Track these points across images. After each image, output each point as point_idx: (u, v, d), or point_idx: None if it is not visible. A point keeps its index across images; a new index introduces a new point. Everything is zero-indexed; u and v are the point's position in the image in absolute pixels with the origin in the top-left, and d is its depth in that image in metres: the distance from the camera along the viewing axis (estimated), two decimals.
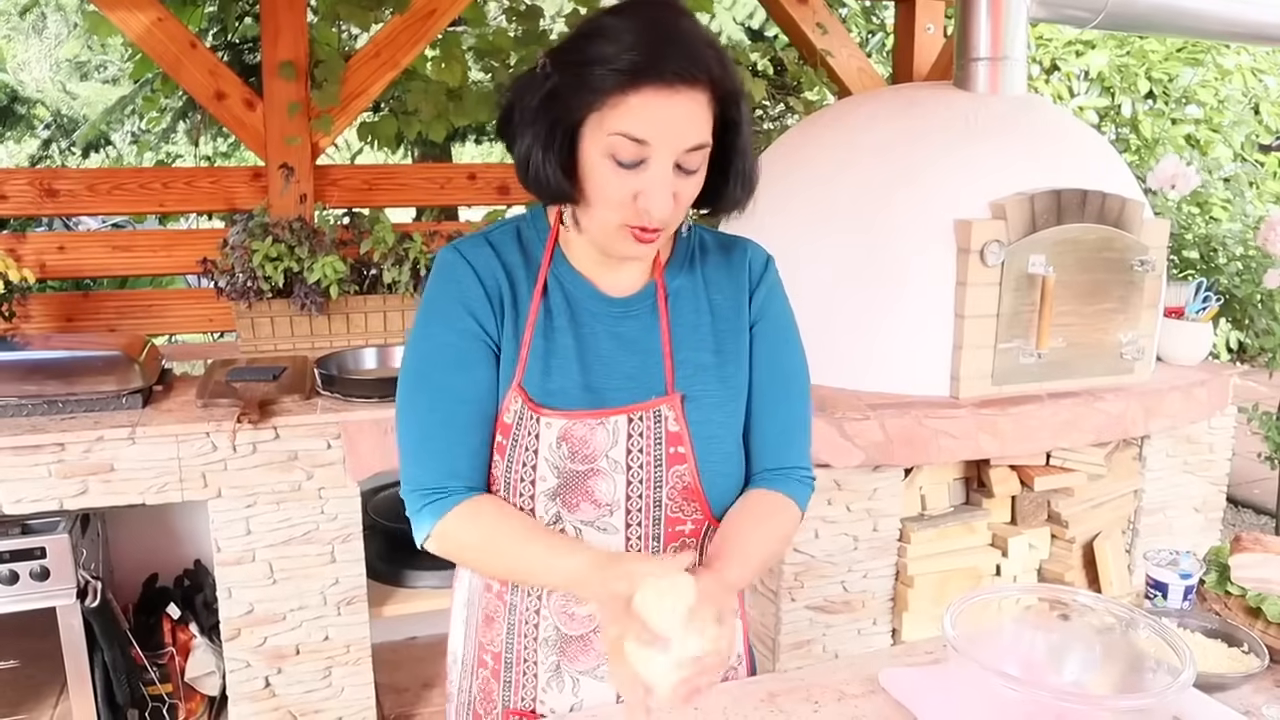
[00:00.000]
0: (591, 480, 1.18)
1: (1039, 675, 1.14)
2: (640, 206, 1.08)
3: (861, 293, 2.56)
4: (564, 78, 1.07)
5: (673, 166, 1.08)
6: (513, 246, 1.23)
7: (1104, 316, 2.63)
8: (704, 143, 1.09)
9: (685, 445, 1.19)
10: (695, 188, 1.12)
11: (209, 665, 2.58)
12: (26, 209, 3.09)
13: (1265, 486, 4.61)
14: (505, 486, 1.20)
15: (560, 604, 1.24)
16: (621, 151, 1.06)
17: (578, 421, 1.17)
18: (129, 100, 5.83)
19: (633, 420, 1.18)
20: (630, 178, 1.07)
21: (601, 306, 1.22)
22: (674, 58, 1.04)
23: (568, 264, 1.23)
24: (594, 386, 1.19)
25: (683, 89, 1.05)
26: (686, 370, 1.21)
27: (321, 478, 2.35)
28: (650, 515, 1.20)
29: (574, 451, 1.17)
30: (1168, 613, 1.39)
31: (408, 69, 3.32)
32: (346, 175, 3.31)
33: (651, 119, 1.05)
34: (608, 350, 1.21)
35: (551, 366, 1.19)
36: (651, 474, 1.19)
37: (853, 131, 2.76)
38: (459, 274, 1.19)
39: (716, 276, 1.28)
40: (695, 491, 1.20)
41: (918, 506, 2.63)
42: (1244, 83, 5.38)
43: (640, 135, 1.05)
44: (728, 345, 1.25)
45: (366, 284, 2.98)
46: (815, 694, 1.20)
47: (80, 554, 2.29)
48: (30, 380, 2.27)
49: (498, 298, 1.19)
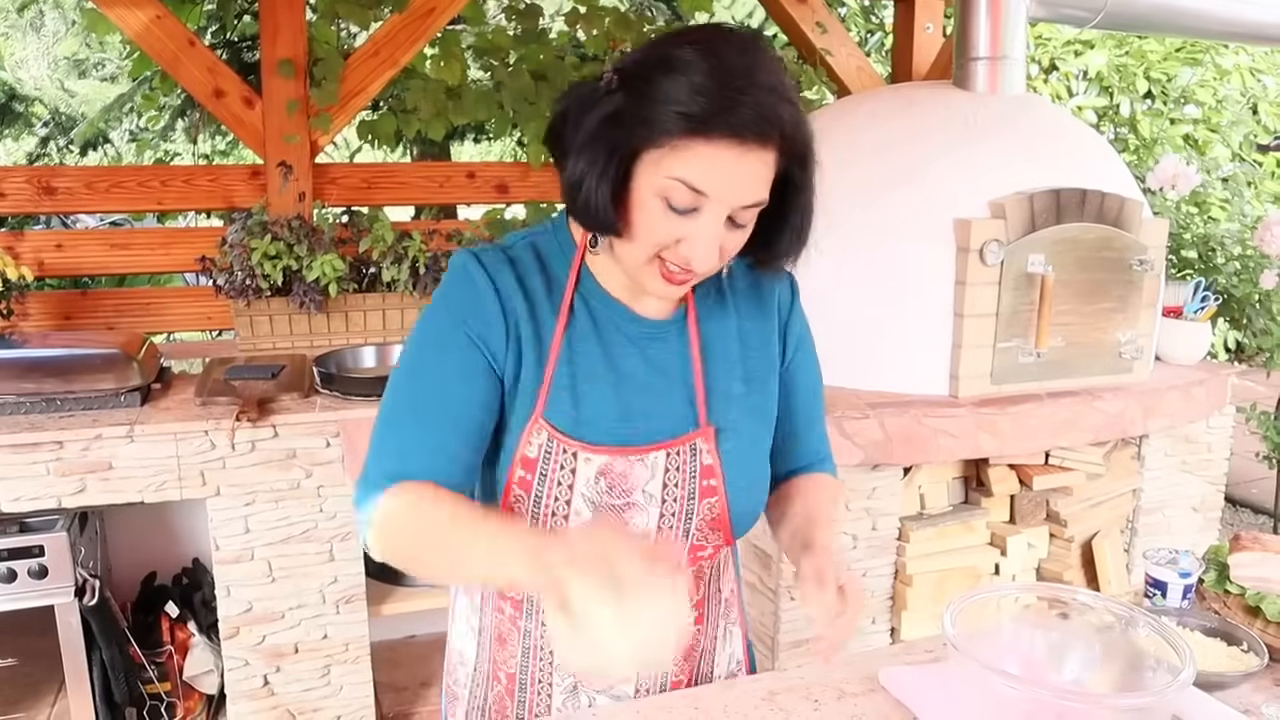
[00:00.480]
0: (626, 514, 1.15)
1: (1039, 674, 1.14)
2: (683, 253, 1.04)
3: (861, 292, 2.56)
4: (629, 104, 1.01)
5: (725, 220, 1.03)
6: (534, 266, 1.16)
7: (1103, 316, 2.63)
8: (762, 201, 1.05)
9: (717, 478, 1.17)
10: (740, 241, 1.08)
11: (207, 664, 2.58)
12: (25, 207, 3.08)
13: (1263, 486, 4.61)
14: (533, 521, 1.15)
15: None
16: (676, 197, 1.01)
17: (618, 458, 1.13)
18: (127, 98, 5.82)
19: (670, 455, 1.15)
20: (680, 223, 1.03)
21: (632, 327, 1.17)
22: (749, 113, 0.98)
23: (595, 282, 1.17)
24: (629, 413, 1.15)
25: (753, 146, 1.00)
26: (718, 399, 1.19)
27: (320, 476, 2.35)
28: (678, 544, 1.19)
29: (612, 486, 1.14)
30: (1167, 611, 1.39)
31: (407, 67, 3.31)
32: (345, 174, 3.31)
33: (715, 172, 1.00)
34: (639, 373, 1.16)
35: (581, 394, 1.14)
36: (684, 506, 1.17)
37: (852, 131, 2.76)
38: (475, 280, 1.13)
39: (746, 304, 1.24)
40: (723, 521, 1.19)
41: (917, 505, 2.63)
42: (1242, 83, 5.39)
43: (700, 186, 1.00)
44: (756, 374, 1.23)
45: (365, 282, 2.98)
46: (815, 692, 1.20)
47: (79, 552, 2.29)
48: (29, 378, 2.27)
49: (513, 315, 1.12)
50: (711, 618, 1.28)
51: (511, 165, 3.68)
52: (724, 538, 1.21)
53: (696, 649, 1.27)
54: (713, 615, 1.28)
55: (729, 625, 1.33)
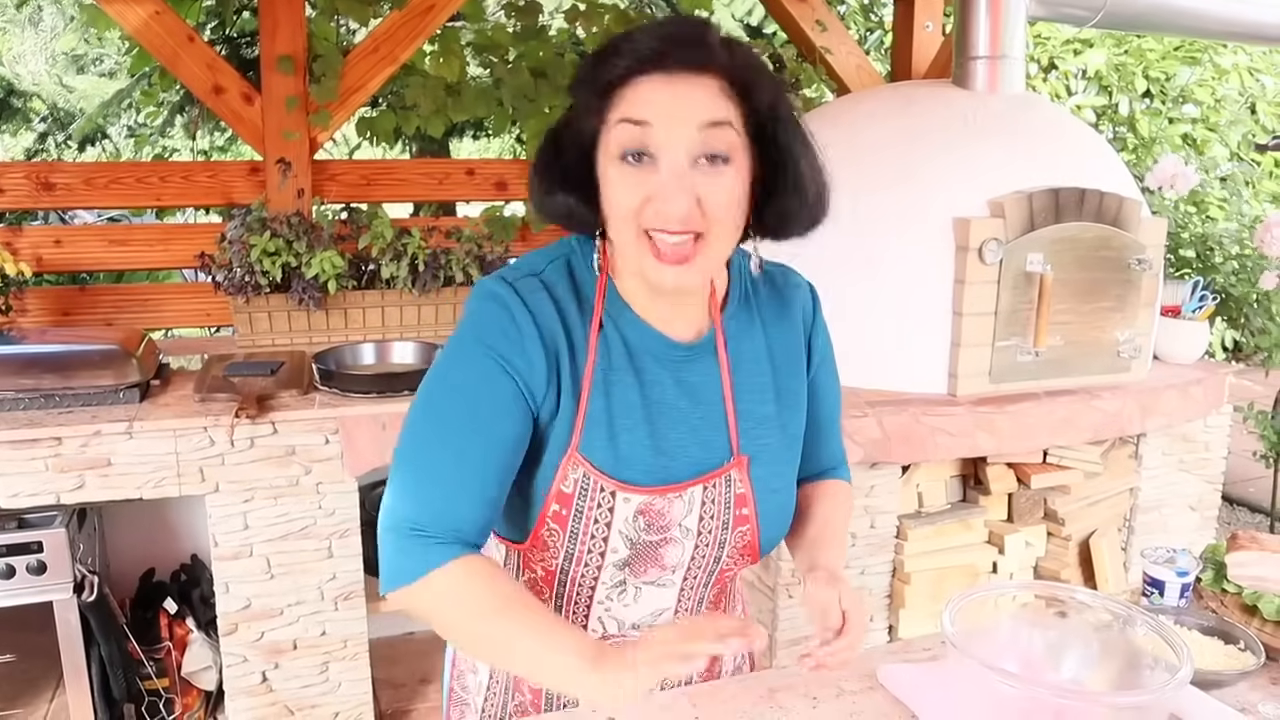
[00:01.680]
0: (663, 549, 1.14)
1: (1037, 672, 1.14)
2: (656, 210, 0.99)
3: (860, 290, 2.56)
4: (577, 98, 1.04)
5: (689, 162, 0.98)
6: (566, 287, 1.11)
7: (1101, 315, 2.63)
8: (719, 119, 0.99)
9: (750, 506, 1.15)
10: (725, 194, 1.00)
11: (206, 660, 2.58)
12: (23, 202, 3.08)
13: (1260, 485, 4.62)
14: (567, 557, 1.12)
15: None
16: (625, 140, 0.99)
17: (658, 496, 1.11)
18: (126, 94, 5.82)
19: (707, 489, 1.13)
20: (641, 177, 0.99)
21: (665, 351, 1.12)
22: (676, 48, 0.99)
23: (623, 304, 1.12)
24: (664, 448, 1.12)
25: (686, 74, 0.99)
26: (748, 423, 1.16)
27: (319, 473, 2.35)
28: (707, 570, 1.18)
29: (650, 524, 1.12)
30: (1164, 610, 1.39)
31: (406, 64, 3.31)
32: (345, 170, 3.31)
33: (650, 99, 0.99)
34: (673, 401, 1.13)
35: (618, 429, 1.10)
36: (718, 537, 1.15)
37: (852, 129, 2.76)
38: (515, 315, 1.06)
39: (772, 318, 1.21)
40: (753, 548, 1.18)
41: (915, 504, 2.63)
42: (1240, 82, 5.39)
43: (640, 116, 0.98)
44: (786, 392, 1.21)
45: (364, 279, 2.98)
46: (814, 690, 1.20)
47: (77, 548, 2.29)
48: (27, 374, 2.26)
49: (554, 354, 1.07)
50: None
51: (511, 162, 3.68)
52: (752, 559, 1.21)
53: (717, 657, 1.28)
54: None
55: None
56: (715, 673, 1.30)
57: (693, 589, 1.19)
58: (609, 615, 1.18)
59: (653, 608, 1.18)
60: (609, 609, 1.17)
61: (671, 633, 0.98)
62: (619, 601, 1.17)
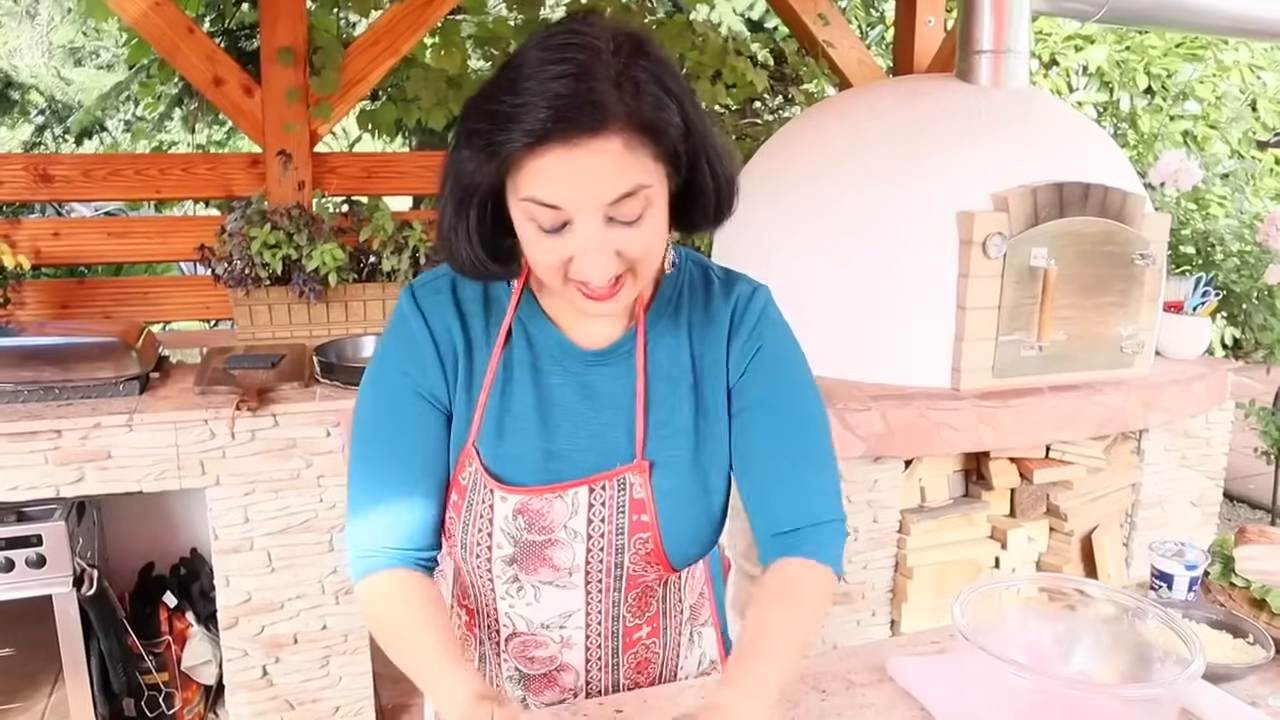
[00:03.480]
0: (549, 550, 1.12)
1: (1046, 665, 1.14)
2: (579, 270, 0.98)
3: (863, 284, 2.55)
4: (470, 143, 0.97)
5: (603, 221, 0.95)
6: (476, 288, 1.13)
7: (1104, 310, 2.63)
8: (630, 190, 0.94)
9: (649, 514, 1.11)
10: (647, 237, 0.98)
11: (206, 654, 2.57)
12: (21, 194, 3.07)
13: (1260, 482, 4.62)
14: (462, 546, 1.14)
15: (519, 649, 1.21)
16: (539, 217, 0.95)
17: (534, 496, 1.10)
18: (124, 86, 5.80)
19: (594, 490, 1.10)
20: (559, 242, 0.96)
21: (569, 356, 1.12)
22: (570, 110, 0.90)
23: (538, 308, 1.13)
24: (555, 451, 1.11)
25: (585, 141, 0.91)
26: (661, 432, 1.12)
27: (320, 466, 2.34)
28: (611, 575, 1.14)
29: (531, 523, 1.11)
30: (1172, 604, 1.38)
31: (407, 56, 3.30)
32: (345, 163, 3.30)
33: (557, 180, 0.93)
34: (571, 405, 1.12)
35: (506, 429, 1.12)
36: (613, 541, 1.12)
37: (855, 123, 2.76)
38: (411, 326, 1.12)
39: (699, 320, 1.15)
40: (658, 555, 1.13)
41: (917, 498, 2.63)
42: (1242, 79, 5.38)
43: (549, 200, 0.94)
44: (709, 401, 1.14)
45: (365, 272, 2.97)
46: (823, 683, 1.19)
47: (76, 542, 2.28)
48: (26, 366, 2.25)
49: (450, 353, 1.12)
50: (669, 630, 1.24)
51: None
52: (663, 569, 1.15)
53: (653, 662, 1.24)
54: (670, 627, 1.24)
55: (696, 629, 1.29)
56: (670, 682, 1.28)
57: (602, 593, 1.15)
58: (515, 613, 1.18)
59: (560, 609, 1.16)
60: (513, 605, 1.17)
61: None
62: (520, 599, 1.16)
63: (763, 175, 2.88)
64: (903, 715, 1.14)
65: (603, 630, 1.18)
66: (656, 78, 0.95)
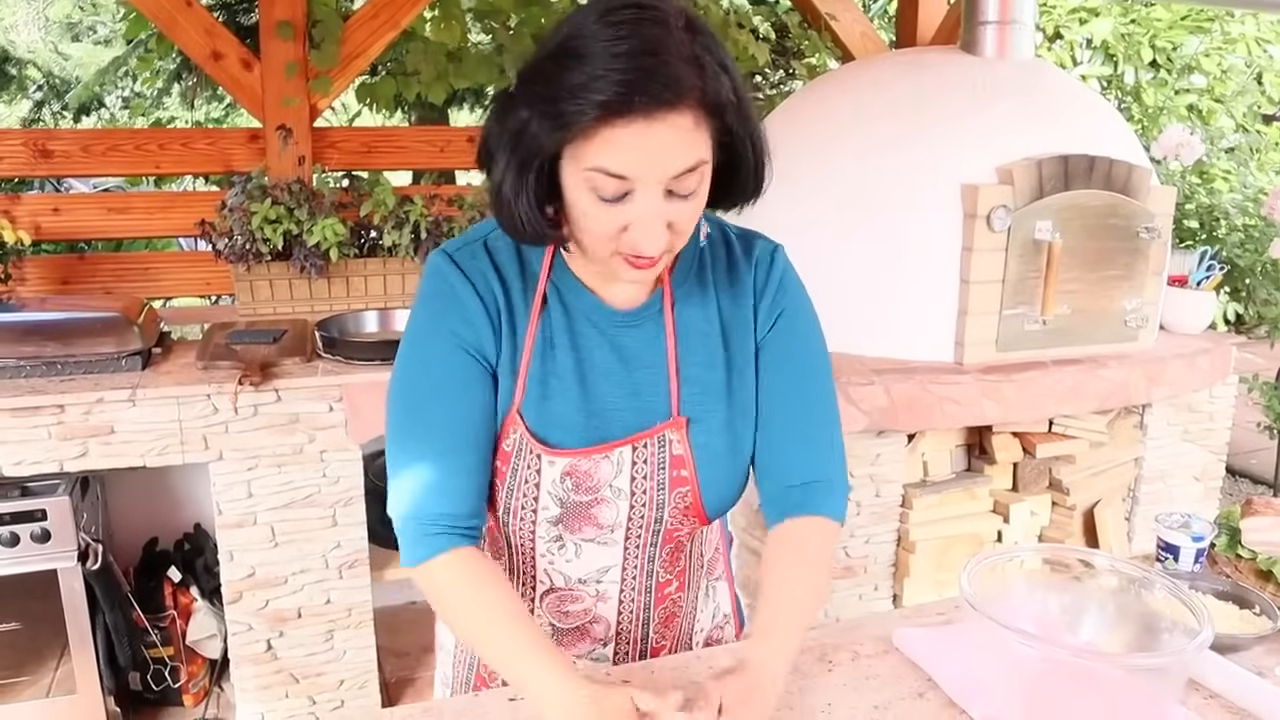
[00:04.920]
0: (595, 508, 1.14)
1: (1052, 635, 1.14)
2: (630, 240, 1.00)
3: (867, 257, 2.54)
4: (534, 109, 0.97)
5: (663, 194, 0.98)
6: (510, 253, 1.14)
7: (1109, 284, 2.62)
8: (694, 165, 0.98)
9: (689, 468, 1.14)
10: (695, 210, 1.02)
11: (210, 628, 2.58)
12: (21, 170, 3.05)
13: (1262, 457, 4.63)
14: (506, 510, 1.15)
15: (554, 604, 1.22)
16: (602, 187, 0.97)
17: (582, 459, 1.12)
18: (122, 61, 5.76)
19: (637, 449, 1.13)
20: (616, 211, 0.98)
21: (603, 318, 1.14)
22: (651, 85, 0.92)
23: (569, 272, 1.14)
24: (596, 410, 1.13)
25: (663, 115, 0.93)
26: (693, 389, 1.15)
27: (323, 440, 2.34)
28: (650, 530, 1.17)
29: (578, 485, 1.13)
30: (1179, 575, 1.38)
31: (406, 30, 3.27)
32: (345, 137, 3.27)
33: (629, 152, 0.95)
34: (608, 366, 1.14)
35: (551, 390, 1.12)
36: (654, 497, 1.14)
37: (859, 95, 2.73)
38: (454, 287, 1.11)
39: (724, 280, 1.18)
40: (696, 509, 1.16)
41: (920, 472, 2.63)
42: (1248, 52, 5.34)
43: (619, 170, 0.95)
44: (738, 359, 1.17)
45: (366, 247, 2.95)
46: (829, 654, 1.20)
47: (81, 517, 2.28)
48: (29, 341, 2.25)
49: (495, 313, 1.11)
50: (692, 582, 1.27)
51: None
52: (699, 521, 1.18)
53: (679, 615, 1.27)
54: (694, 579, 1.28)
55: (711, 583, 1.33)
56: (688, 635, 1.31)
57: (639, 548, 1.18)
58: (554, 569, 1.20)
59: (598, 564, 1.19)
60: (552, 562, 1.19)
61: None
62: (560, 556, 1.19)
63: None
64: (909, 686, 1.15)
65: (637, 585, 1.21)
66: (717, 55, 0.98)
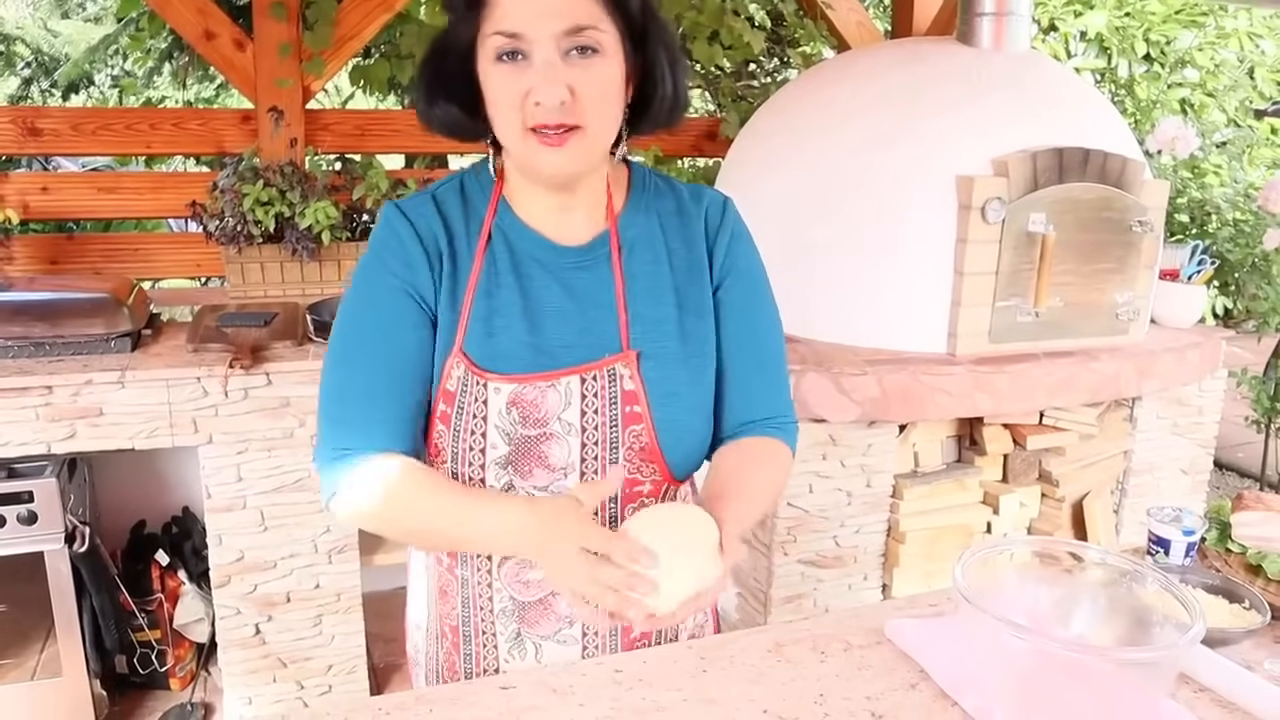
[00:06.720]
0: (544, 445, 1.14)
1: (1045, 628, 1.14)
2: (536, 100, 1.04)
3: (861, 248, 2.54)
4: (451, 13, 1.09)
5: (560, 55, 1.03)
6: (455, 200, 1.18)
7: (1101, 276, 2.62)
8: (583, 24, 1.04)
9: (641, 404, 1.14)
10: (600, 81, 1.06)
11: (198, 612, 2.58)
12: (8, 148, 3.02)
13: (1248, 450, 4.65)
14: (452, 457, 1.15)
15: (513, 573, 1.20)
16: (500, 46, 1.04)
17: (528, 385, 1.12)
18: (113, 39, 5.70)
19: (586, 380, 1.13)
20: (517, 74, 1.04)
21: (551, 257, 1.16)
22: None
23: (513, 214, 1.17)
24: (543, 346, 1.14)
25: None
26: (643, 325, 1.16)
27: (313, 425, 2.31)
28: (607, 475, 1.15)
29: (525, 416, 1.12)
30: (1169, 569, 1.39)
31: (401, 12, 3.25)
32: (338, 120, 3.25)
33: (520, 10, 1.03)
34: (557, 304, 1.15)
35: (495, 326, 1.13)
36: (607, 435, 1.14)
37: (854, 85, 2.73)
38: (397, 231, 1.15)
39: (673, 224, 1.21)
40: (654, 452, 1.15)
41: (910, 463, 2.63)
42: (1240, 47, 5.35)
43: (510, 29, 1.03)
44: (689, 298, 1.19)
45: (358, 230, 2.94)
46: (822, 644, 1.19)
47: (68, 499, 2.27)
48: (16, 321, 2.23)
49: (436, 257, 1.15)
50: None
51: None
52: (660, 471, 1.17)
53: None
54: None
55: None
56: (672, 637, 1.29)
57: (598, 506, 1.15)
58: None
59: None
60: None
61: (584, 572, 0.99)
62: None
63: (759, 138, 2.85)
64: (901, 677, 1.15)
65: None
66: None
